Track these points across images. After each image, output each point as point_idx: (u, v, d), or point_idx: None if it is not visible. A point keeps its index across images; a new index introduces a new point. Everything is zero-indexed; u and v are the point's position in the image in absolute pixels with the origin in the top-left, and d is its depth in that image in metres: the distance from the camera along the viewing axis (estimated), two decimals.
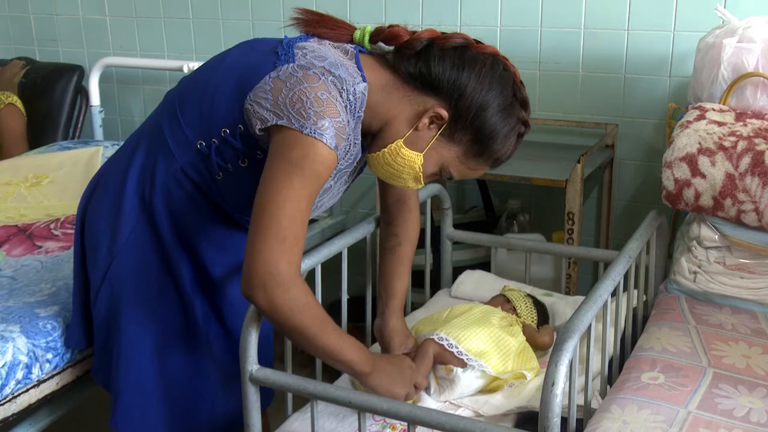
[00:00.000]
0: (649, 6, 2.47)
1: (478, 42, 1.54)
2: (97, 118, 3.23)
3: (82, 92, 3.28)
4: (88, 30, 3.42)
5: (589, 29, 2.57)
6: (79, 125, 3.30)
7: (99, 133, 3.23)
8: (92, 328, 1.73)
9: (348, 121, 1.46)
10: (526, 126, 1.55)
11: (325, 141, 1.40)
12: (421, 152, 1.52)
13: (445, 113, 1.48)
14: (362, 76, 1.49)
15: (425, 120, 1.49)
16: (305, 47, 1.50)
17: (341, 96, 1.45)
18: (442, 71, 1.47)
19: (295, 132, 1.40)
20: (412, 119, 1.50)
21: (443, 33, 1.53)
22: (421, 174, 1.54)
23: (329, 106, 1.41)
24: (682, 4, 2.43)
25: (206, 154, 1.53)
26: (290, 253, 1.39)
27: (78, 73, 3.28)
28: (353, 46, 1.55)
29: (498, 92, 1.49)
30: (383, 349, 1.76)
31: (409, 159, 1.52)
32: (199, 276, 1.66)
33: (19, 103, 3.17)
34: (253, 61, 1.51)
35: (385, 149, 1.52)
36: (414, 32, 1.53)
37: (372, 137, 1.56)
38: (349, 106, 1.46)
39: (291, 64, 1.45)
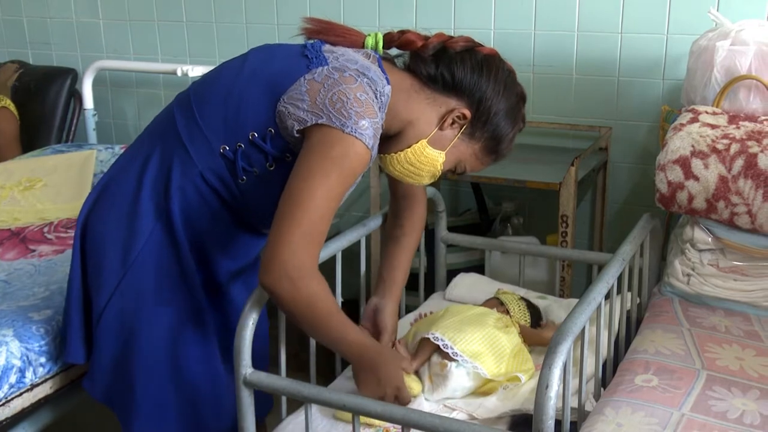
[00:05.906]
0: (643, 9, 2.48)
1: (477, 44, 1.61)
2: (91, 122, 3.22)
3: (76, 95, 3.27)
4: (82, 33, 3.42)
5: (582, 32, 2.57)
6: (73, 128, 3.29)
7: (93, 136, 3.22)
8: (91, 342, 1.68)
9: (380, 122, 1.51)
10: (524, 122, 1.66)
11: (364, 141, 1.45)
12: (444, 150, 1.58)
13: (468, 113, 1.56)
14: (386, 78, 1.54)
15: (449, 120, 1.56)
16: (334, 51, 1.54)
17: (376, 97, 1.50)
18: (463, 74, 1.55)
19: (336, 130, 1.43)
20: (436, 120, 1.57)
21: (449, 36, 1.60)
22: (440, 172, 1.61)
23: (368, 107, 1.46)
24: (675, 7, 2.44)
25: (230, 158, 1.54)
26: (316, 248, 1.44)
27: (71, 76, 3.28)
28: (372, 50, 1.60)
29: (509, 95, 1.59)
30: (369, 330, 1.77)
31: (432, 158, 1.58)
32: (208, 280, 1.66)
33: (12, 107, 3.16)
34: (281, 66, 1.53)
35: (409, 149, 1.58)
36: (426, 37, 1.59)
37: (387, 138, 1.59)
38: (382, 108, 1.52)
39: (325, 66, 1.49)
